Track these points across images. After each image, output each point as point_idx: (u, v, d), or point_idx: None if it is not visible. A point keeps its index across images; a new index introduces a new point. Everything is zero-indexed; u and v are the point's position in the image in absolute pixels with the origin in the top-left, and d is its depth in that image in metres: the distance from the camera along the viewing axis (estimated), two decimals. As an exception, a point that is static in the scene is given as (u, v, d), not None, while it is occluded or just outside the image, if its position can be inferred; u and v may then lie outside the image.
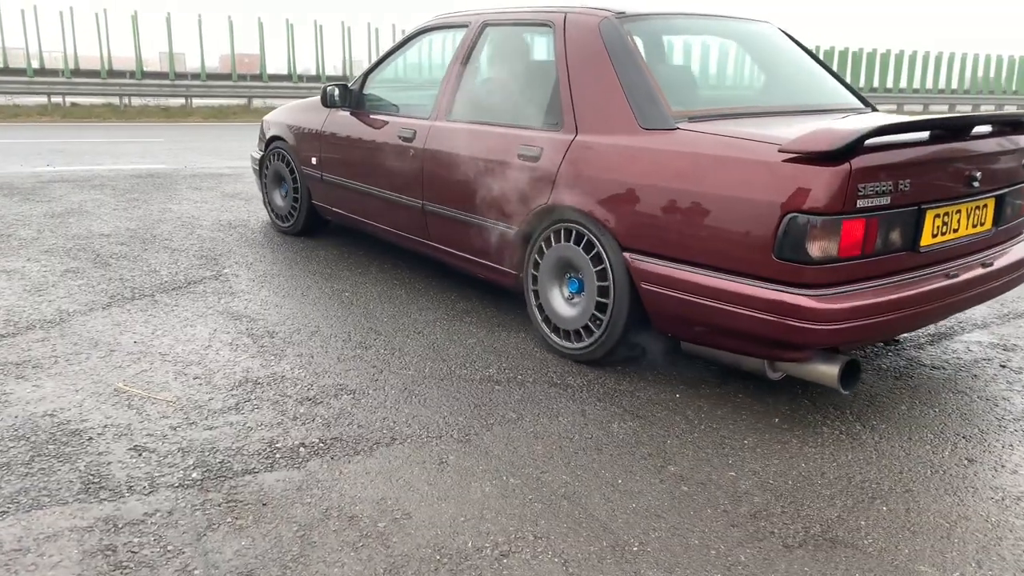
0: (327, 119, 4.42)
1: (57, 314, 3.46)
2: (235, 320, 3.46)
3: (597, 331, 2.91)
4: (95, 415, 2.53)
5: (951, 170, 2.57)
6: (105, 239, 4.80)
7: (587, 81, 2.96)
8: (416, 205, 3.72)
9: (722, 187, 2.46)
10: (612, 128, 2.83)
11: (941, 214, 2.56)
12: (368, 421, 2.55)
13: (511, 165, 3.15)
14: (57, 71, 17.15)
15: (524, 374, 2.97)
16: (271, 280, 4.05)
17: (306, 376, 2.89)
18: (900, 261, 2.50)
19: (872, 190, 2.29)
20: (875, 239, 2.36)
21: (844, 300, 2.32)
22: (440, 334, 3.36)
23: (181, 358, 3.03)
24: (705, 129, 2.65)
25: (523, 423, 2.57)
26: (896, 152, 2.40)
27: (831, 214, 2.25)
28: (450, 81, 3.63)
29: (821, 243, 2.27)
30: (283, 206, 4.99)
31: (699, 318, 2.57)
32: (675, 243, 2.60)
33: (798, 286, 2.32)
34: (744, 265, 2.42)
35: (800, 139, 2.32)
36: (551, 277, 3.08)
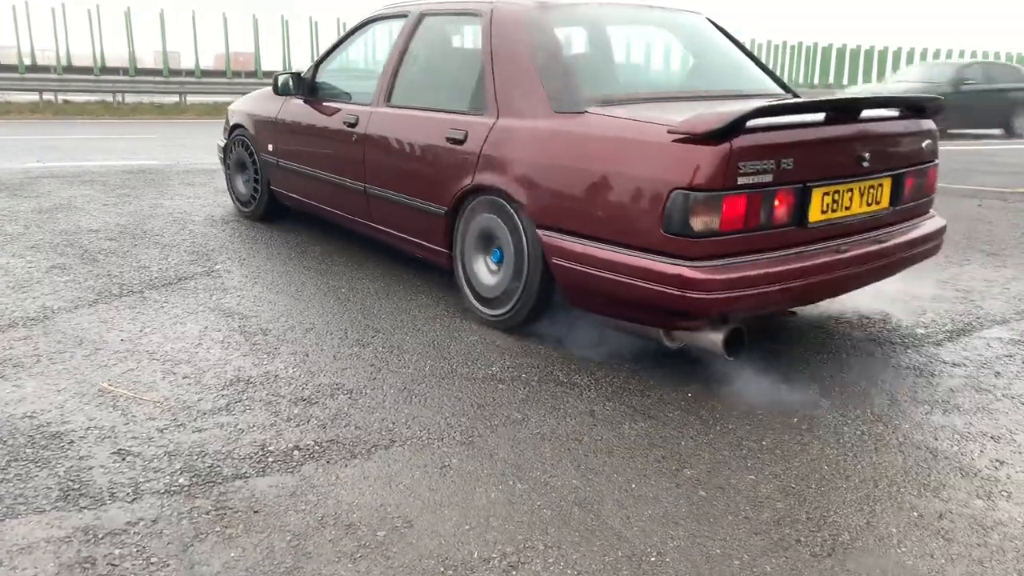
0: (282, 107, 4.55)
1: (41, 311, 3.33)
2: (227, 317, 3.33)
3: (513, 299, 3.07)
4: (77, 417, 2.40)
5: (839, 150, 2.66)
6: (93, 235, 4.66)
7: (508, 68, 3.12)
8: (359, 188, 3.86)
9: (619, 166, 2.61)
10: (528, 112, 3.00)
11: (831, 192, 2.64)
12: (366, 422, 2.42)
13: (440, 148, 3.33)
14: (49, 68, 16.98)
15: (528, 372, 2.84)
16: (264, 276, 3.92)
17: (300, 375, 2.76)
18: (788, 236, 2.59)
19: (753, 168, 2.40)
20: (758, 214, 2.47)
21: (726, 271, 2.42)
22: (440, 331, 3.23)
23: (170, 356, 2.89)
24: (611, 113, 2.78)
25: (529, 424, 2.45)
26: (779, 133, 2.52)
27: (712, 190, 2.37)
28: (390, 69, 3.80)
29: (703, 218, 2.39)
30: (245, 192, 5.14)
31: (601, 290, 2.70)
32: (579, 219, 2.74)
33: (684, 258, 2.44)
34: (638, 239, 2.55)
35: (686, 121, 2.44)
36: (476, 249, 3.25)
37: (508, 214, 3.03)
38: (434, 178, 3.37)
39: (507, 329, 3.17)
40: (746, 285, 2.45)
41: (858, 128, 2.74)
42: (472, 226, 3.24)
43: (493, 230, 3.14)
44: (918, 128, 2.98)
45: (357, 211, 3.97)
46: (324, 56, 4.43)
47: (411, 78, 3.77)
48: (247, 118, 4.95)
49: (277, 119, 4.56)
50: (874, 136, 2.79)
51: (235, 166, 5.19)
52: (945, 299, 3.77)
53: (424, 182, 3.43)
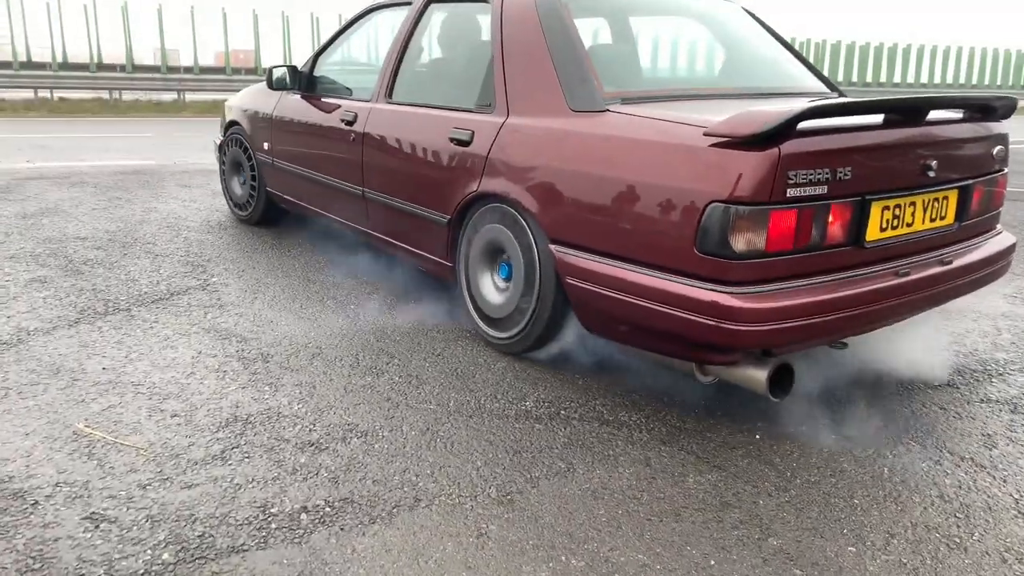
0: (278, 103, 4.25)
1: (14, 333, 2.96)
2: (223, 340, 2.97)
3: (522, 321, 2.75)
4: (45, 468, 2.04)
5: (901, 158, 2.31)
6: (80, 243, 4.30)
7: (520, 60, 2.80)
8: (357, 192, 3.55)
9: (645, 174, 2.27)
10: (542, 110, 2.67)
11: (891, 206, 2.30)
12: (384, 474, 2.06)
13: (443, 149, 3.01)
14: (45, 64, 16.60)
15: (567, 408, 2.48)
16: (265, 291, 3.56)
17: (307, 412, 2.40)
18: (842, 257, 2.24)
19: (805, 178, 2.05)
20: (809, 232, 2.13)
21: (772, 299, 2.07)
22: (463, 357, 2.87)
23: (158, 389, 2.53)
24: (636, 112, 2.44)
25: (575, 476, 2.09)
26: (834, 137, 2.17)
27: (757, 203, 2.02)
28: (391, 62, 3.48)
29: (746, 235, 2.05)
30: (241, 194, 4.81)
31: (622, 316, 2.36)
32: (599, 235, 2.41)
33: (722, 283, 2.09)
34: (666, 259, 2.21)
35: (726, 121, 2.09)
36: (482, 263, 2.94)
37: (518, 225, 2.70)
38: (437, 183, 3.05)
39: (515, 354, 2.85)
40: (794, 315, 2.09)
41: (923, 132, 2.38)
42: (478, 237, 2.92)
43: (501, 243, 2.81)
44: (988, 132, 2.62)
45: (355, 217, 3.65)
46: (323, 48, 4.12)
47: (414, 72, 3.49)
48: (243, 114, 4.63)
49: (273, 116, 4.26)
50: (941, 142, 2.43)
51: (230, 166, 4.87)
52: (1019, 316, 3.41)
53: (426, 187, 3.11)
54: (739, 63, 3.31)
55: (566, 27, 2.73)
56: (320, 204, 3.95)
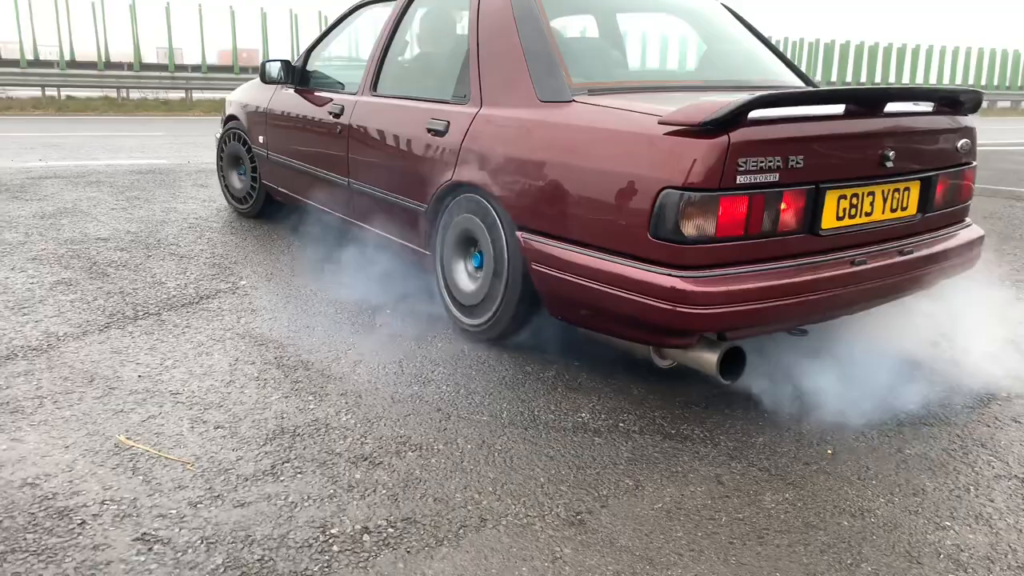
0: (272, 97, 4.35)
1: (44, 338, 2.86)
2: (259, 346, 2.87)
3: (493, 308, 2.78)
4: (90, 484, 1.93)
5: (858, 147, 2.33)
6: (103, 244, 4.20)
7: (494, 53, 2.85)
8: (343, 183, 3.63)
9: (604, 161, 2.32)
10: (512, 101, 2.73)
11: (848, 195, 2.32)
12: (445, 491, 1.96)
13: (421, 140, 3.07)
14: (52, 63, 16.51)
15: (626, 420, 2.38)
16: (297, 293, 3.46)
17: (356, 424, 2.30)
18: (795, 244, 2.27)
19: (755, 165, 2.09)
20: (760, 219, 2.16)
21: (724, 283, 2.12)
22: (510, 365, 2.77)
23: (197, 398, 2.43)
24: (601, 102, 2.48)
25: (644, 493, 1.98)
26: (787, 126, 2.19)
27: (708, 190, 2.07)
28: (376, 55, 3.56)
29: (696, 221, 2.10)
30: (241, 188, 4.90)
31: (582, 300, 2.41)
32: (560, 221, 2.46)
33: (675, 267, 2.15)
34: (622, 244, 2.27)
35: (680, 110, 2.15)
36: (456, 252, 2.98)
37: (488, 213, 2.74)
38: (415, 173, 3.10)
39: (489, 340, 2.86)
40: (746, 299, 2.13)
41: (882, 123, 2.38)
42: (452, 227, 2.95)
43: (473, 232, 2.85)
44: (954, 125, 2.63)
45: (341, 208, 3.72)
46: (315, 43, 4.19)
47: (397, 65, 3.58)
48: (240, 109, 4.74)
49: (267, 109, 4.36)
50: (901, 132, 2.43)
51: (229, 160, 4.96)
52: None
53: (405, 177, 3.17)
54: (716, 58, 3.35)
55: (538, 21, 2.77)
56: (310, 195, 4.00)
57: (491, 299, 2.79)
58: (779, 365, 2.60)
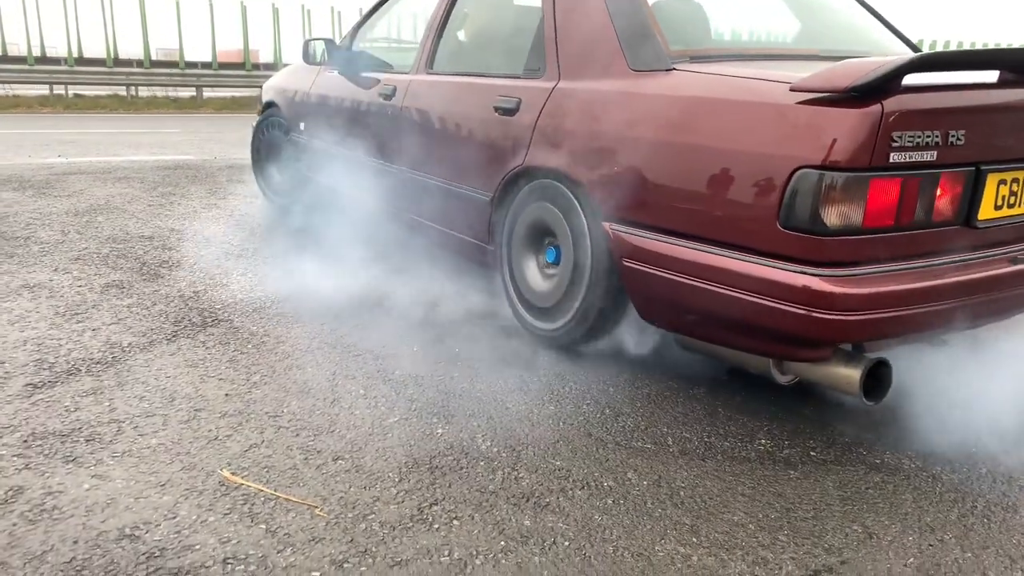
0: (315, 80, 4.03)
1: (107, 349, 2.48)
2: (355, 357, 2.49)
3: (571, 311, 2.42)
4: (202, 535, 1.55)
5: (1021, 123, 1.95)
6: (148, 242, 3.82)
7: (574, 18, 2.50)
8: (395, 171, 3.30)
9: (719, 137, 1.95)
10: (598, 72, 2.36)
11: (1008, 180, 1.97)
12: (640, 544, 1.59)
13: (486, 120, 2.73)
14: (59, 59, 16.11)
15: (816, 447, 2.00)
16: (380, 298, 3.06)
17: (499, 452, 1.92)
18: (949, 238, 1.92)
19: (912, 141, 1.73)
20: (914, 206, 1.81)
21: (869, 284, 1.77)
22: (652, 383, 2.39)
23: (302, 422, 2.05)
24: (707, 70, 2.12)
25: (882, 545, 1.61)
26: (946, 94, 1.84)
27: (856, 170, 1.71)
28: (433, 30, 3.22)
29: (840, 208, 1.74)
30: (280, 180, 4.52)
31: (689, 304, 2.04)
32: (662, 210, 2.09)
33: (810, 264, 1.79)
34: (745, 236, 1.90)
35: (819, 74, 1.78)
36: (526, 246, 2.64)
37: (568, 201, 2.40)
38: (479, 158, 2.76)
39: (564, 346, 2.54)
40: (895, 303, 1.78)
41: None
42: (523, 217, 2.62)
43: (548, 223, 2.51)
44: None
45: (393, 199, 3.36)
46: (362, 21, 3.86)
47: (457, 41, 3.23)
48: (280, 95, 4.40)
49: (310, 93, 4.03)
50: None
51: (267, 149, 4.59)
52: None
53: (467, 163, 2.82)
54: (817, 25, 2.96)
55: None
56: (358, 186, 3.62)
57: (569, 300, 2.43)
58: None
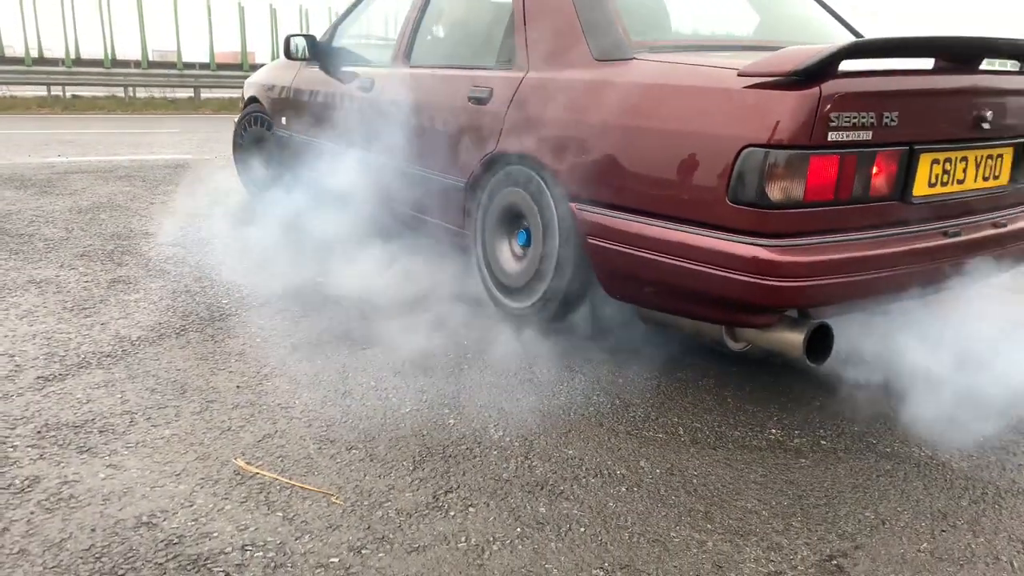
0: (296, 75, 4.11)
1: (116, 343, 2.49)
2: (363, 350, 2.50)
3: (541, 289, 2.54)
4: (219, 523, 1.56)
5: (954, 106, 2.12)
6: (151, 239, 3.82)
7: (542, 12, 2.64)
8: (373, 160, 3.37)
9: (673, 120, 2.10)
10: (564, 62, 2.50)
11: (940, 159, 2.12)
12: (656, 531, 1.60)
13: (460, 110, 2.85)
14: (57, 60, 16.09)
15: (826, 436, 2.02)
16: (381, 287, 3.07)
17: (511, 441, 1.93)
18: (886, 212, 2.07)
19: (849, 121, 1.88)
20: (852, 182, 1.96)
21: (811, 253, 1.92)
22: (655, 371, 2.40)
23: (314, 413, 2.06)
24: (664, 59, 2.29)
25: (895, 530, 1.62)
26: (882, 79, 1.99)
27: (797, 147, 1.85)
28: (410, 23, 3.35)
29: (783, 183, 1.88)
30: (263, 174, 4.54)
31: (648, 276, 2.18)
32: (622, 189, 2.23)
33: (756, 235, 1.92)
34: (697, 211, 2.03)
35: (763, 60, 1.94)
36: (499, 229, 2.75)
37: (536, 184, 2.52)
38: (453, 146, 2.87)
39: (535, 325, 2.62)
40: (836, 270, 1.93)
41: (978, 80, 2.19)
42: (496, 202, 2.73)
43: (519, 207, 2.63)
44: None
45: (372, 188, 3.40)
46: (342, 17, 3.96)
47: (433, 34, 3.37)
48: (262, 90, 4.48)
49: (291, 87, 4.12)
50: (998, 91, 2.22)
51: (250, 144, 4.64)
52: None
53: (443, 151, 2.94)
54: (774, 20, 3.12)
55: None
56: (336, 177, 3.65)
57: (540, 279, 2.54)
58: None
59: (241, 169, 4.79)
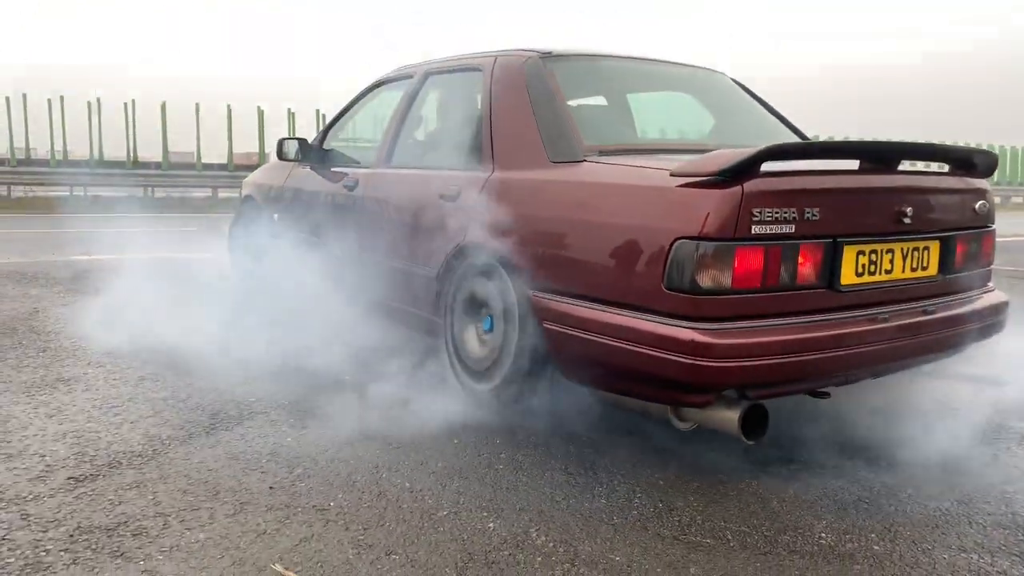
0: (288, 175, 4.41)
1: (147, 442, 2.46)
2: (396, 449, 2.46)
3: (503, 370, 2.68)
4: (260, 634, 1.50)
5: (874, 203, 2.34)
6: (177, 336, 3.82)
7: (507, 119, 2.92)
8: (354, 254, 3.63)
9: (617, 215, 2.32)
10: (524, 163, 2.76)
11: (866, 251, 2.32)
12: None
13: (433, 206, 3.08)
14: (80, 162, 16.62)
15: (882, 542, 1.95)
16: (408, 387, 3.05)
17: (561, 548, 1.87)
18: (816, 299, 2.24)
19: (771, 216, 2.08)
20: (777, 271, 2.14)
21: (742, 336, 2.07)
22: (705, 472, 2.35)
23: (349, 515, 2.01)
24: (610, 161, 2.52)
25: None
26: (800, 178, 2.25)
27: (722, 239, 2.05)
28: (392, 129, 3.65)
29: (712, 271, 2.07)
30: (256, 268, 4.71)
31: (597, 359, 2.34)
32: (573, 277, 2.44)
33: (690, 319, 2.10)
34: (638, 297, 2.22)
35: (691, 161, 2.19)
36: (466, 316, 2.94)
37: (498, 273, 2.73)
38: (427, 239, 3.11)
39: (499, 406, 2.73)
40: (766, 352, 2.08)
41: (897, 180, 2.41)
42: (462, 290, 2.94)
43: (484, 294, 2.83)
44: (969, 186, 2.64)
45: (353, 280, 3.63)
46: (332, 123, 4.29)
47: (412, 138, 3.67)
48: (256, 189, 4.84)
49: (284, 187, 4.42)
50: (917, 190, 2.45)
51: (244, 240, 4.89)
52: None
53: (416, 244, 3.19)
54: (724, 126, 3.37)
55: (549, 89, 2.82)
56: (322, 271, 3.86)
57: (501, 362, 2.70)
58: None
59: (235, 262, 5.07)
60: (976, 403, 2.91)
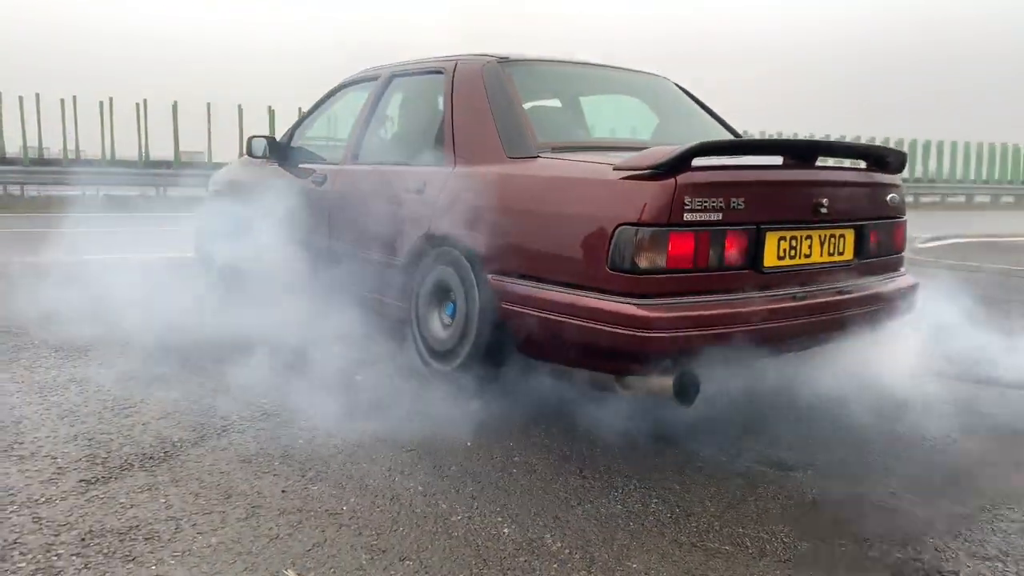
0: (258, 172, 4.50)
1: (159, 444, 2.45)
2: (408, 452, 2.44)
3: (465, 350, 2.90)
4: (274, 642, 1.48)
5: (795, 195, 2.60)
6: (199, 336, 3.81)
7: (467, 118, 3.14)
8: (323, 247, 3.82)
9: (567, 205, 2.57)
10: (483, 159, 2.99)
11: (787, 237, 2.56)
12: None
13: (399, 200, 3.29)
14: (92, 161, 16.70)
15: (952, 561, 1.91)
16: (420, 387, 3.03)
17: (577, 555, 1.84)
18: (741, 279, 2.49)
19: (701, 205, 2.33)
20: (707, 254, 2.39)
21: (674, 309, 2.33)
22: (729, 485, 2.32)
23: (362, 520, 1.99)
24: (561, 157, 2.76)
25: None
26: (728, 172, 2.52)
27: (658, 225, 2.31)
28: (358, 128, 3.83)
29: (649, 254, 2.32)
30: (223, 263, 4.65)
31: (548, 333, 2.57)
32: (528, 261, 2.68)
33: (630, 296, 2.34)
34: (585, 278, 2.47)
35: (631, 157, 2.42)
36: (431, 302, 3.14)
37: (460, 261, 2.93)
38: (393, 231, 3.32)
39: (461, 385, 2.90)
40: (697, 324, 2.33)
41: (815, 174, 2.67)
42: (428, 278, 3.14)
43: (447, 282, 3.03)
44: (881, 181, 2.91)
45: (322, 272, 3.82)
46: (299, 122, 4.43)
47: (377, 138, 3.85)
48: (226, 186, 4.91)
49: (253, 184, 4.45)
50: (833, 183, 2.71)
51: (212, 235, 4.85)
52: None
53: (384, 235, 3.37)
54: (668, 126, 3.62)
55: (506, 89, 3.06)
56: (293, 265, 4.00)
57: (463, 342, 2.89)
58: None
59: (203, 258, 5.06)
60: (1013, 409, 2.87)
